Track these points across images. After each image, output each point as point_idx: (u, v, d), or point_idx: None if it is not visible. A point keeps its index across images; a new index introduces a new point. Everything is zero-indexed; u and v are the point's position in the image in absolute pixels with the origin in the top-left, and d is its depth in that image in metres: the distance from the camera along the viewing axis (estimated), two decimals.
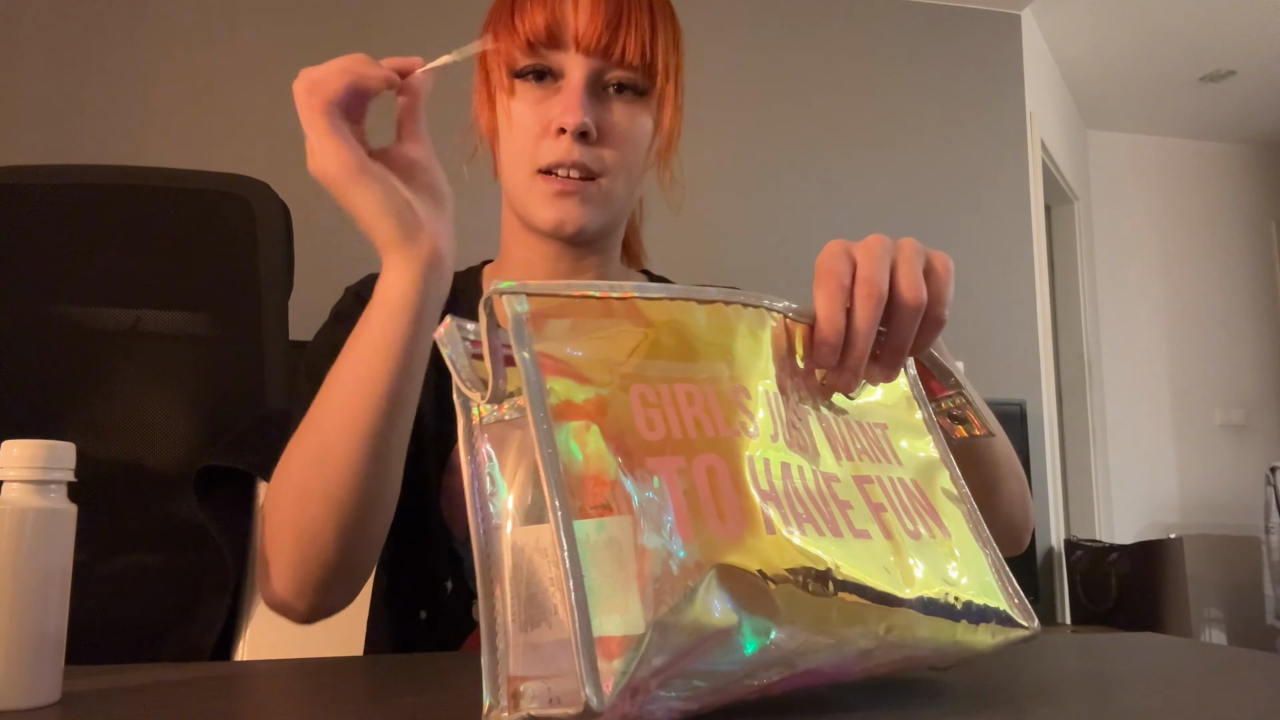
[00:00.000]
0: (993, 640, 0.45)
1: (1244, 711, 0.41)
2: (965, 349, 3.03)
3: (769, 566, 0.37)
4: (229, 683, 0.49)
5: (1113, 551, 3.10)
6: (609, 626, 0.32)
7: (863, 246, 0.48)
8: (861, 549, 0.41)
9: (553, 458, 0.34)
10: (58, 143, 2.47)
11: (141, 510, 0.97)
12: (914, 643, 0.41)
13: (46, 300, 1.00)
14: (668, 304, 0.41)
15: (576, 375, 0.37)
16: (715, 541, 0.36)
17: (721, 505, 0.37)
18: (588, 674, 0.32)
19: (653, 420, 0.37)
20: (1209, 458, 4.37)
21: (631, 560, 0.34)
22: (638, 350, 0.39)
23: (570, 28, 0.70)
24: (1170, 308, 4.45)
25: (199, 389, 1.01)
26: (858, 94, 3.09)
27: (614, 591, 0.33)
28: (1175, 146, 4.60)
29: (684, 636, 0.34)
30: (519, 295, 0.37)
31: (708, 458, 0.38)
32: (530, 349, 0.36)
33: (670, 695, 0.35)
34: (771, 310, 0.45)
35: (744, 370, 0.42)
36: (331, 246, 2.49)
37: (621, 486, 0.35)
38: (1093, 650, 0.59)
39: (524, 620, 0.35)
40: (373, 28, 2.70)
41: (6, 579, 0.42)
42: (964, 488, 0.50)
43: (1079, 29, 3.57)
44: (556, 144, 0.70)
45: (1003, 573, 0.47)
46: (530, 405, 0.35)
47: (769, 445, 0.41)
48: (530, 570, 0.36)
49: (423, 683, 0.49)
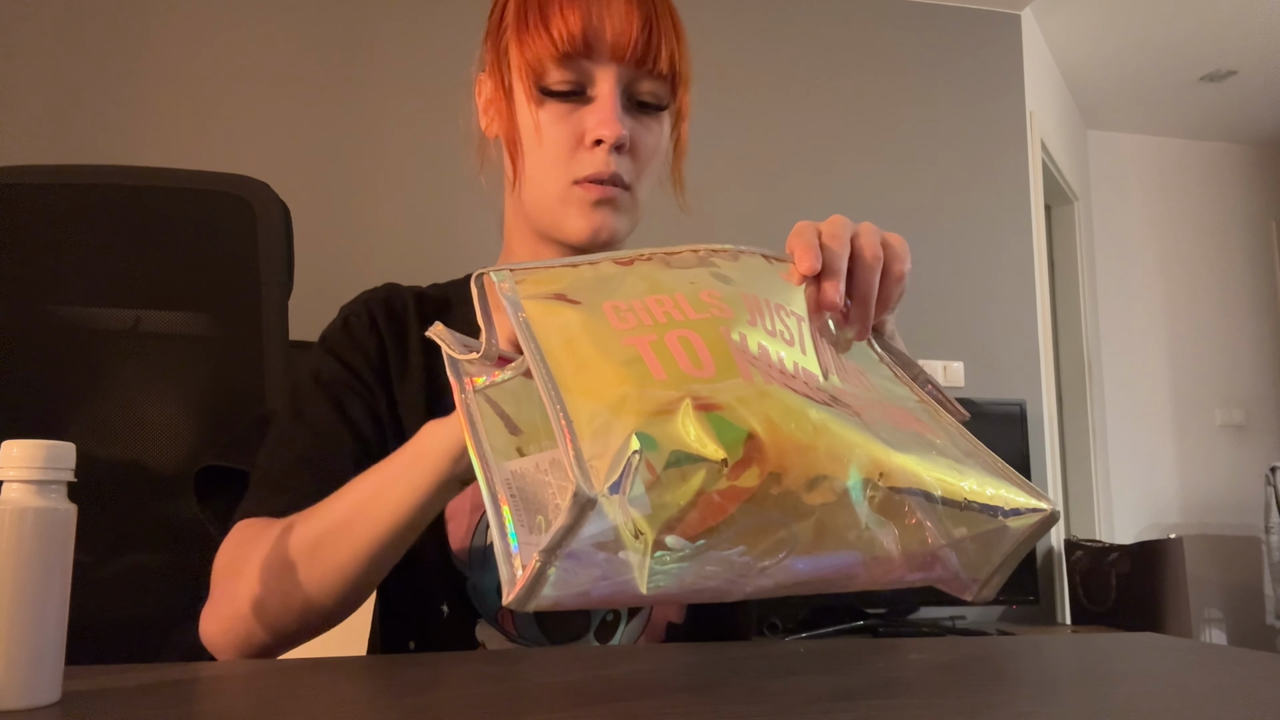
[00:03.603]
0: (1016, 523, 0.44)
1: (1244, 711, 0.41)
2: (965, 349, 3.03)
3: (747, 404, 0.37)
4: (229, 683, 0.49)
5: (1113, 551, 3.10)
6: (587, 451, 0.34)
7: (826, 221, 0.54)
8: (843, 418, 0.40)
9: (548, 376, 0.37)
10: (58, 143, 2.47)
11: (141, 510, 0.97)
12: (916, 488, 0.41)
13: (46, 300, 1.00)
14: (641, 262, 0.45)
15: (556, 297, 0.41)
16: (689, 379, 0.37)
17: (697, 357, 0.38)
18: (575, 459, 0.33)
19: (625, 319, 0.40)
20: (1209, 458, 4.36)
21: (608, 415, 0.36)
22: (611, 288, 0.42)
23: (606, 34, 0.68)
24: (1170, 308, 4.45)
25: (199, 389, 1.01)
26: (857, 94, 3.09)
27: (589, 432, 0.35)
28: (1175, 146, 4.60)
29: (667, 450, 0.34)
30: (503, 271, 0.42)
31: (680, 330, 0.40)
32: (521, 307, 0.40)
33: (664, 562, 0.35)
34: (745, 251, 0.49)
35: (717, 282, 0.44)
36: (331, 246, 2.49)
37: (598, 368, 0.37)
38: (1093, 650, 0.59)
39: (530, 526, 0.37)
40: (372, 27, 2.70)
41: (6, 579, 0.42)
42: (949, 418, 0.49)
43: (1079, 29, 3.56)
44: (593, 156, 0.69)
45: (1003, 467, 0.46)
46: (526, 346, 0.38)
47: (746, 326, 0.42)
48: (535, 489, 0.37)
49: (423, 683, 0.49)
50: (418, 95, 2.65)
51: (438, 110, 2.61)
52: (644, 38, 0.69)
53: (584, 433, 0.34)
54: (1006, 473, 0.46)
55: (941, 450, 0.44)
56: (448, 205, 2.58)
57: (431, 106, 2.63)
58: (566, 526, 0.32)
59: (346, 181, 2.58)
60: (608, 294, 0.41)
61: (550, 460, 0.37)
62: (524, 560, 0.34)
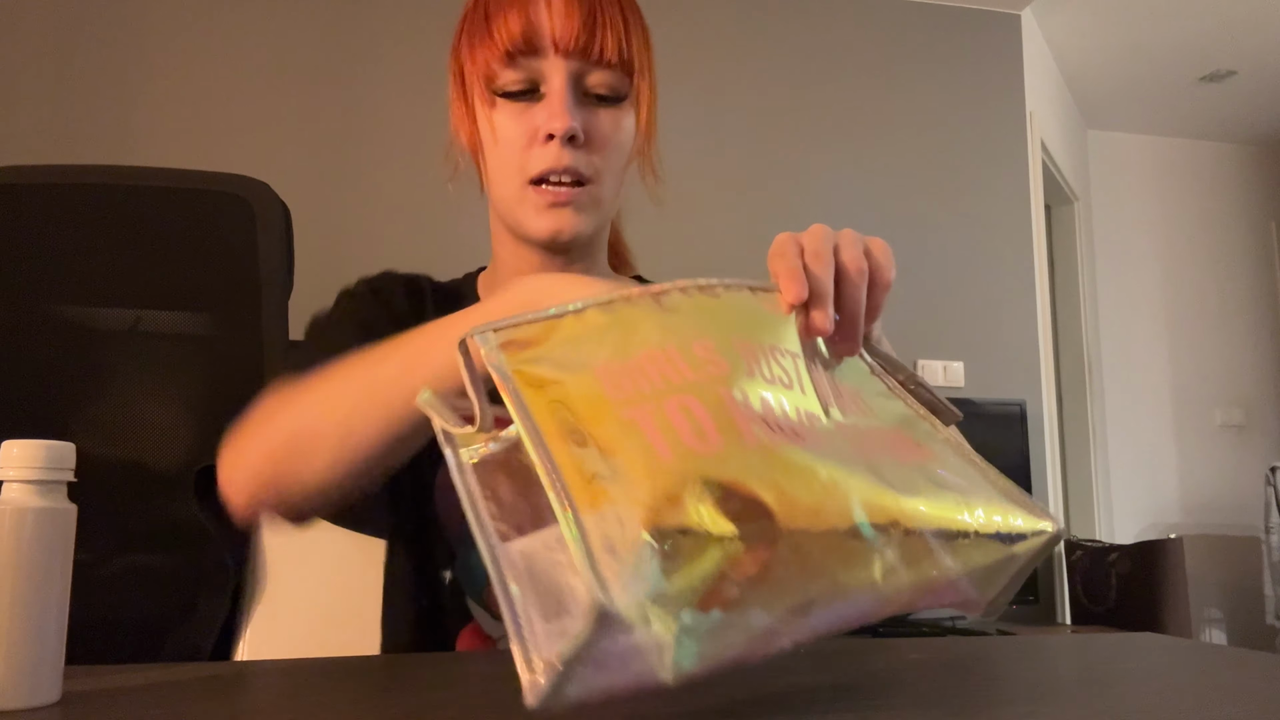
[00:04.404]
0: (1022, 547, 0.44)
1: (1244, 711, 0.41)
2: (965, 349, 3.03)
3: (755, 472, 0.36)
4: (229, 683, 0.49)
5: (1113, 551, 3.10)
6: (603, 563, 0.33)
7: (806, 233, 0.53)
8: (850, 466, 0.40)
9: (549, 460, 0.35)
10: (58, 143, 2.47)
11: (141, 510, 0.97)
12: (939, 551, 0.40)
13: (46, 300, 1.00)
14: (624, 305, 0.43)
15: (551, 383, 0.39)
16: (694, 455, 0.36)
17: (700, 428, 0.37)
18: (592, 574, 0.31)
19: (620, 386, 0.39)
20: (1209, 458, 4.36)
21: (620, 517, 0.34)
22: (602, 346, 0.41)
23: (546, 31, 0.69)
24: (1170, 308, 4.44)
25: (199, 389, 1.01)
26: (857, 94, 3.09)
27: (604, 543, 0.33)
28: (1175, 146, 4.60)
29: (685, 548, 0.34)
30: (486, 333, 0.40)
31: (680, 397, 0.39)
32: (511, 378, 0.38)
33: (691, 639, 0.34)
34: (731, 286, 0.47)
35: (707, 332, 0.43)
36: (331, 246, 2.49)
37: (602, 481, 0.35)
38: (1093, 650, 0.59)
39: (545, 612, 0.35)
40: (372, 28, 2.70)
41: (6, 579, 0.42)
42: (946, 431, 0.49)
43: (1079, 29, 3.56)
44: (546, 151, 0.70)
45: (1007, 486, 0.46)
46: (522, 426, 0.36)
47: (744, 380, 0.41)
48: (546, 568, 0.36)
49: (423, 683, 0.49)
50: (418, 95, 2.65)
51: (438, 110, 2.61)
52: (586, 30, 0.69)
53: (593, 533, 0.33)
54: (1009, 491, 0.46)
55: (945, 481, 0.44)
56: (448, 205, 2.58)
57: (431, 106, 2.62)
58: (587, 640, 0.32)
59: (346, 181, 2.58)
60: (598, 354, 0.40)
61: (557, 537, 0.35)
62: (544, 657, 0.33)
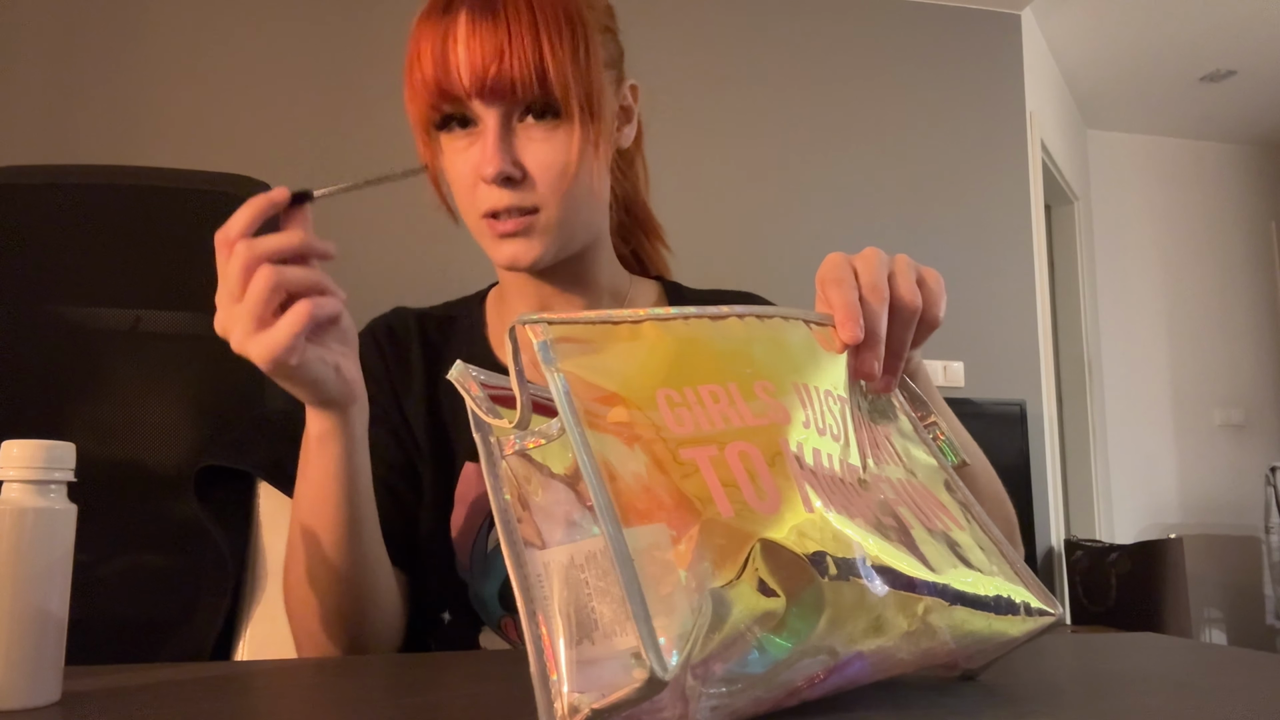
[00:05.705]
0: (1023, 628, 0.45)
1: (1244, 711, 0.41)
2: (965, 349, 3.03)
3: (807, 537, 0.37)
4: (229, 683, 0.49)
5: (1113, 551, 3.10)
6: (658, 626, 0.32)
7: (861, 258, 0.52)
8: (892, 545, 0.41)
9: (593, 466, 0.35)
10: (58, 143, 2.47)
11: (141, 510, 0.97)
12: (950, 627, 0.41)
13: (46, 300, 1.00)
14: (682, 324, 0.42)
15: (602, 391, 0.38)
16: (754, 515, 0.36)
17: (759, 485, 0.37)
18: (649, 642, 0.31)
19: (681, 418, 0.38)
20: (1209, 458, 4.37)
21: (673, 566, 0.34)
22: (658, 364, 0.40)
23: (455, 75, 0.67)
24: (1170, 308, 4.45)
25: (199, 389, 1.01)
26: (857, 94, 3.09)
27: (658, 597, 0.33)
28: (1175, 146, 4.60)
29: (736, 607, 0.34)
30: (542, 323, 0.39)
31: (739, 444, 0.38)
32: (557, 368, 0.38)
33: (718, 692, 0.34)
34: (789, 318, 0.47)
35: (766, 369, 0.43)
36: None
37: (656, 493, 0.35)
38: (1093, 650, 0.59)
39: (568, 635, 0.35)
40: (372, 28, 2.70)
41: (6, 579, 0.42)
42: (963, 490, 0.50)
43: (1079, 29, 3.57)
44: (489, 191, 0.69)
45: (1017, 564, 0.47)
46: (566, 420, 0.36)
47: (800, 430, 0.41)
48: (574, 587, 0.35)
49: (423, 683, 0.49)
50: None
51: None
52: (495, 68, 0.66)
53: (654, 600, 0.32)
54: (1020, 569, 0.47)
55: (968, 553, 0.45)
56: None
57: None
58: (629, 701, 0.31)
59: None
60: (657, 373, 0.39)
61: (586, 554, 0.35)
62: (571, 698, 0.33)
